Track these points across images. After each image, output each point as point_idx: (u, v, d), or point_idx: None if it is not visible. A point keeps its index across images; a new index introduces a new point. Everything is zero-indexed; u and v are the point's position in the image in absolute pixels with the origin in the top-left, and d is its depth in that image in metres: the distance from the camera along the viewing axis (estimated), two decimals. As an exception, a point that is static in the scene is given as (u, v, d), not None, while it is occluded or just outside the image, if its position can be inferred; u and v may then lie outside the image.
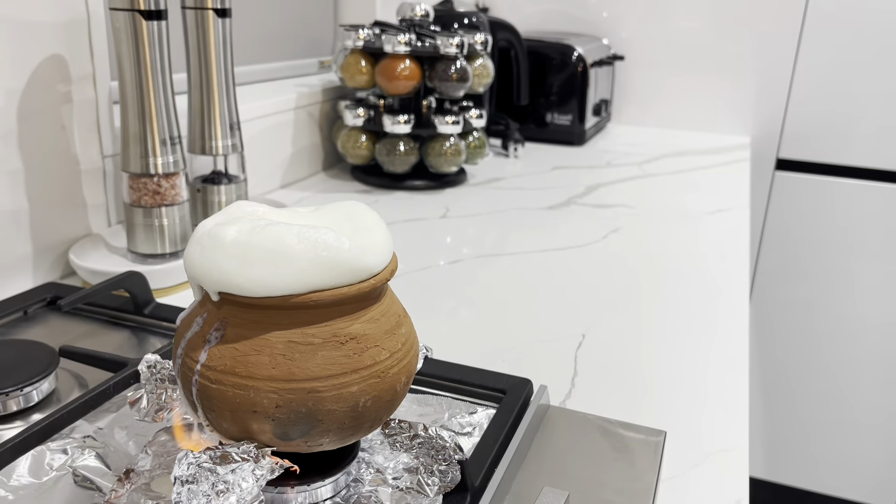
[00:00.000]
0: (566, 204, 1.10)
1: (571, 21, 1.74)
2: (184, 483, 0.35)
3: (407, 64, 1.08)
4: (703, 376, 0.62)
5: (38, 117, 0.70)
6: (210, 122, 0.79)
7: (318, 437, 0.38)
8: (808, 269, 1.65)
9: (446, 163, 1.13)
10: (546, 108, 1.52)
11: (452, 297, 0.75)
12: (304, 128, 1.14)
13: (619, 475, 0.46)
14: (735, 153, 1.49)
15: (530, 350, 0.65)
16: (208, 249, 0.37)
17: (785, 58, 1.58)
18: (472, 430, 0.50)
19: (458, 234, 0.95)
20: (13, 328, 0.62)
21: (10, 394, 0.49)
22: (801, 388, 1.72)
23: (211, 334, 0.38)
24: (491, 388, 0.53)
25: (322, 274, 0.36)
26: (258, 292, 0.36)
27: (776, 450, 1.78)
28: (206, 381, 0.37)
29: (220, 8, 0.76)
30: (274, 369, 0.36)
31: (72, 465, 0.44)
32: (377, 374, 0.38)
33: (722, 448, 0.52)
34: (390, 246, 0.40)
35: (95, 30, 0.74)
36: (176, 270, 0.72)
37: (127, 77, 0.68)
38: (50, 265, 0.73)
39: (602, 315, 0.72)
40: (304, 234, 0.36)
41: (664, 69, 1.69)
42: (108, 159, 0.78)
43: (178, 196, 0.73)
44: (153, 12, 0.67)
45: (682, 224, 1.02)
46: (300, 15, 1.29)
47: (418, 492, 0.42)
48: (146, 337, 0.63)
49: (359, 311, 0.38)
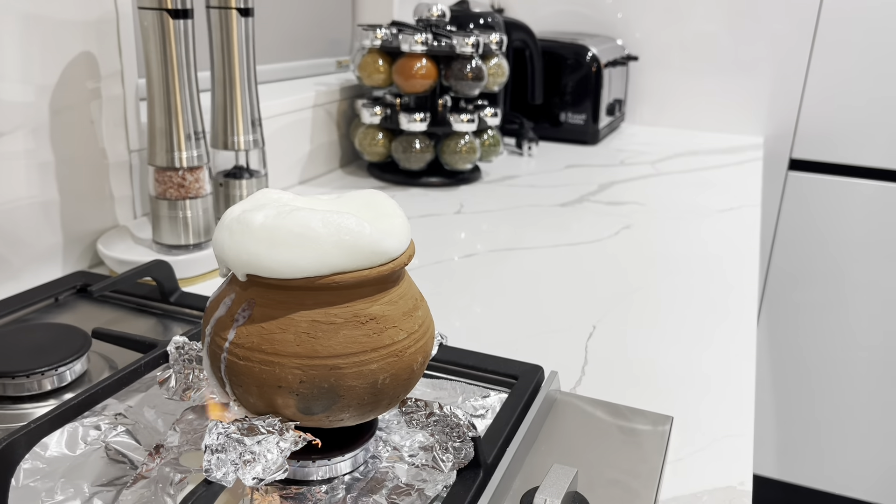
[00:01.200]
0: (579, 201, 1.11)
1: (586, 22, 1.75)
2: (213, 452, 0.37)
3: (423, 63, 1.10)
4: (710, 367, 0.63)
5: (69, 113, 0.72)
6: (232, 118, 0.81)
7: (339, 413, 0.40)
8: (821, 269, 1.65)
9: (461, 160, 1.15)
10: (560, 107, 1.53)
11: (466, 290, 0.77)
12: (322, 125, 1.16)
13: (627, 457, 0.48)
14: (748, 153, 1.50)
15: (541, 340, 0.67)
16: (237, 234, 0.39)
17: (799, 58, 1.59)
18: (484, 412, 0.52)
19: (472, 230, 0.97)
20: (45, 314, 0.65)
21: (46, 373, 0.51)
22: (813, 389, 1.72)
23: (239, 314, 0.40)
24: (503, 373, 0.55)
25: (344, 257, 0.38)
26: (284, 273, 0.38)
27: (788, 449, 1.78)
28: (235, 357, 0.39)
29: (243, 7, 0.79)
30: (298, 346, 0.38)
31: (104, 439, 0.47)
32: (395, 354, 0.40)
33: (727, 434, 0.53)
34: (408, 232, 0.42)
35: (124, 28, 0.77)
36: (199, 261, 0.75)
37: (154, 74, 0.70)
38: (79, 255, 0.76)
39: (613, 308, 0.74)
40: (328, 219, 0.38)
41: (678, 69, 1.70)
42: (135, 154, 0.81)
43: (202, 189, 0.75)
44: (180, 11, 0.69)
45: (694, 222, 1.03)
46: (319, 15, 1.32)
47: (433, 467, 0.44)
48: (171, 323, 0.65)
49: (378, 293, 0.40)
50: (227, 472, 0.37)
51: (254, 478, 0.37)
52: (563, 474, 0.41)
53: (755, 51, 1.62)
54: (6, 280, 0.68)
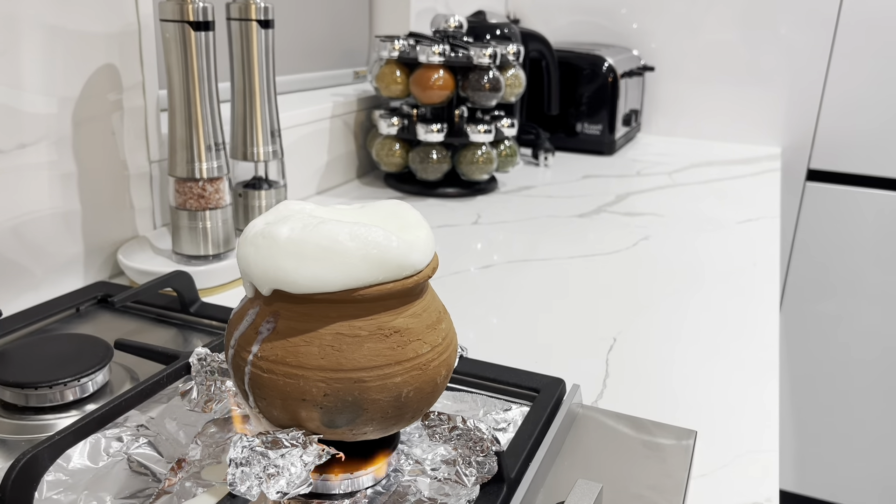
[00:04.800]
0: (596, 212, 1.11)
1: (602, 32, 1.75)
2: (238, 465, 0.37)
3: (441, 74, 1.10)
4: (733, 379, 0.62)
5: (91, 124, 0.73)
6: (252, 129, 0.82)
7: (362, 426, 0.40)
8: (840, 280, 1.64)
9: (478, 171, 1.15)
10: (576, 117, 1.53)
11: (483, 301, 0.77)
12: (339, 136, 1.17)
13: (651, 471, 0.48)
14: (766, 163, 1.49)
15: (561, 352, 0.66)
16: (263, 249, 0.39)
17: (817, 67, 1.58)
18: (506, 426, 0.51)
19: (489, 241, 0.97)
20: (66, 324, 0.65)
21: (68, 384, 0.52)
22: (832, 401, 1.70)
23: (263, 326, 0.40)
24: (525, 386, 0.54)
25: (371, 270, 0.38)
26: (312, 288, 0.38)
27: (806, 462, 1.76)
28: (259, 370, 0.39)
29: (263, 19, 0.79)
30: (323, 359, 0.38)
31: (126, 451, 0.47)
32: (419, 367, 0.40)
33: (752, 449, 0.53)
34: (433, 244, 0.42)
35: (146, 40, 0.77)
36: (219, 271, 0.75)
37: (175, 85, 0.71)
38: (99, 265, 0.76)
39: (633, 320, 0.73)
40: (356, 232, 0.38)
41: (694, 79, 1.70)
42: (155, 164, 0.81)
43: (222, 200, 0.76)
44: (201, 23, 0.70)
45: (713, 233, 1.02)
46: (336, 26, 1.33)
47: (456, 482, 0.43)
48: (192, 334, 0.65)
49: (402, 305, 0.40)
50: (252, 485, 0.37)
51: (278, 492, 0.37)
52: (588, 490, 0.40)
53: (772, 60, 1.61)
54: (28, 290, 0.69)
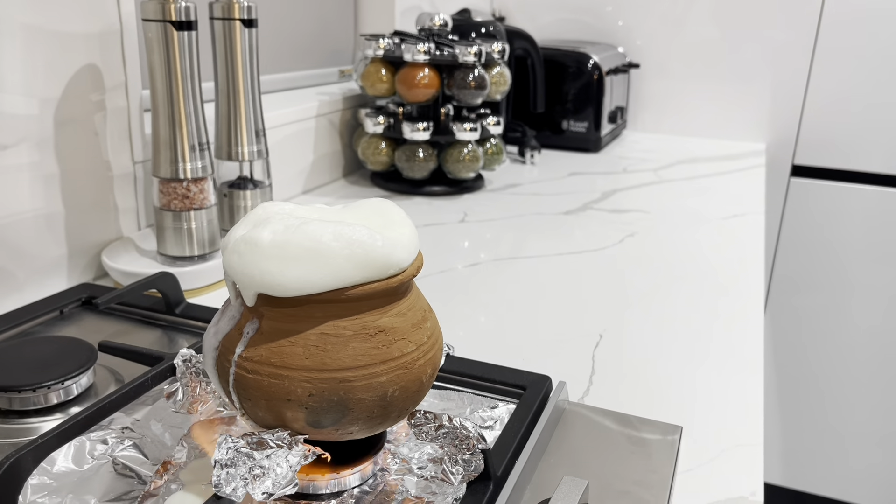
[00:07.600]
0: (582, 209, 1.11)
1: (587, 30, 1.76)
2: (223, 467, 0.37)
3: (426, 72, 1.10)
4: (718, 375, 0.63)
5: (73, 125, 0.72)
6: (237, 128, 0.81)
7: (348, 426, 0.40)
8: (824, 275, 1.65)
9: (464, 169, 1.15)
10: (562, 115, 1.54)
11: (470, 299, 0.77)
12: (325, 135, 1.16)
13: (637, 467, 0.48)
14: (750, 159, 1.50)
15: (548, 350, 0.66)
16: (246, 255, 0.38)
17: (800, 64, 1.59)
18: (493, 423, 0.51)
19: (475, 239, 0.97)
20: (50, 326, 0.65)
21: (52, 387, 0.51)
22: (818, 395, 1.72)
23: (247, 327, 0.40)
24: (511, 384, 0.55)
25: (355, 270, 0.38)
26: (297, 290, 0.37)
27: (794, 456, 1.77)
28: (243, 371, 0.39)
29: (246, 19, 0.79)
30: (307, 360, 0.38)
31: (111, 454, 0.46)
32: (404, 366, 0.40)
33: (737, 444, 0.53)
34: (417, 242, 0.42)
35: (128, 40, 0.77)
36: (204, 272, 0.75)
37: (158, 85, 0.70)
38: (83, 267, 0.76)
39: (619, 316, 0.73)
40: (340, 232, 0.38)
41: (679, 77, 1.71)
42: (139, 165, 0.80)
43: (207, 200, 0.75)
44: (184, 23, 0.69)
45: (698, 229, 1.03)
46: (321, 26, 1.32)
47: (443, 480, 0.43)
48: (177, 335, 0.65)
49: (387, 305, 0.40)
50: (237, 486, 0.37)
51: (263, 492, 0.37)
52: (574, 486, 0.40)
53: (756, 57, 1.62)
54: (10, 293, 0.68)
